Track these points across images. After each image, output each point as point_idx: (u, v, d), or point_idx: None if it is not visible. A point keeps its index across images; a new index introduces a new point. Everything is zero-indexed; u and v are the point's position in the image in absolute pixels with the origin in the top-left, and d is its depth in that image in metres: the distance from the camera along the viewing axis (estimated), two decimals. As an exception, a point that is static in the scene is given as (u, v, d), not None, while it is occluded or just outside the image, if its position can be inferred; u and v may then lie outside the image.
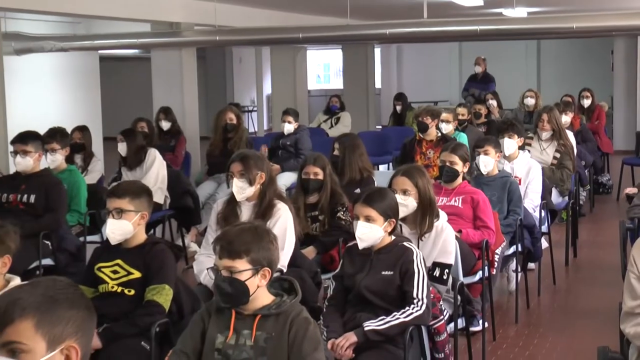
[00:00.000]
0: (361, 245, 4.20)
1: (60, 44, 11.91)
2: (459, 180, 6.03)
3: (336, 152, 7.22)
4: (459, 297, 4.78)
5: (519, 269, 6.76)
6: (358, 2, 11.45)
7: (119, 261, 4.31)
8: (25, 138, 6.53)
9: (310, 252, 5.74)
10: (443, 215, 5.07)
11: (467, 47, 20.96)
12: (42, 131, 7.15)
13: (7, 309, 2.11)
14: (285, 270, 4.84)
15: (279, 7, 13.21)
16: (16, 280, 3.68)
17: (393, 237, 4.26)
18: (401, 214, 4.57)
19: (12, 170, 7.10)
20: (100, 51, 14.95)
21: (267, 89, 20.98)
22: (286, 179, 8.86)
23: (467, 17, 13.58)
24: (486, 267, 5.69)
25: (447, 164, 6.03)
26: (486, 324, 5.90)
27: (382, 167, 11.29)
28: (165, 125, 10.04)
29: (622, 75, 17.30)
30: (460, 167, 6.01)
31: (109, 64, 18.41)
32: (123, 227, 4.31)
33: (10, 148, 6.64)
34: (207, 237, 5.11)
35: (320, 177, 6.01)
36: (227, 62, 23.35)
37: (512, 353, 5.82)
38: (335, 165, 6.75)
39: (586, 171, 9.98)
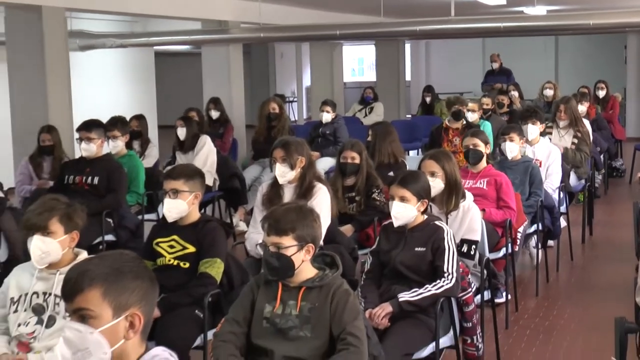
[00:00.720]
0: (396, 223, 4.18)
1: (119, 40, 11.96)
2: (484, 163, 6.00)
3: (369, 139, 7.18)
4: (485, 272, 4.76)
5: (540, 246, 6.71)
6: (391, 1, 11.38)
7: (175, 237, 4.32)
8: (90, 126, 6.58)
9: (348, 230, 5.74)
10: (469, 196, 5.05)
11: (490, 43, 20.77)
12: (104, 120, 7.19)
13: (77, 279, 2.13)
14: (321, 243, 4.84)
15: (318, 6, 13.16)
16: (84, 254, 3.71)
17: (425, 216, 4.24)
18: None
19: (77, 156, 7.16)
20: (155, 47, 15.02)
21: (307, 81, 20.95)
22: (325, 164, 8.82)
23: (491, 15, 13.46)
24: (509, 244, 5.67)
25: (471, 147, 6.01)
26: (509, 296, 5.88)
27: (412, 153, 11.24)
28: (215, 114, 10.04)
29: (635, 67, 17.08)
30: (483, 148, 5.99)
31: (163, 59, 18.47)
32: (179, 206, 4.32)
33: (76, 135, 6.70)
34: (255, 216, 5.13)
35: (357, 161, 6.00)
36: (270, 57, 23.33)
37: (533, 323, 5.77)
38: (367, 150, 6.72)
39: (601, 156, 9.89)
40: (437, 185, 4.81)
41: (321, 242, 4.74)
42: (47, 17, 8.29)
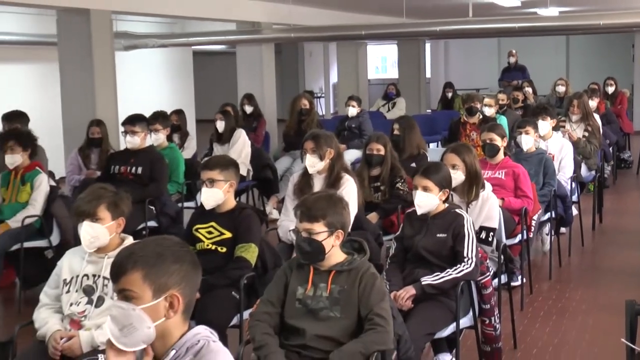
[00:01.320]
0: (419, 211, 4.15)
1: (160, 41, 11.99)
2: (501, 155, 5.94)
3: (396, 132, 7.12)
4: (502, 257, 4.72)
5: (553, 233, 6.66)
6: (412, 3, 11.31)
7: (213, 223, 4.31)
8: (134, 120, 6.60)
9: (373, 217, 5.71)
10: (488, 186, 5.03)
11: (505, 42, 20.59)
12: (146, 114, 7.20)
13: (121, 263, 2.15)
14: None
15: (344, 8, 13.12)
16: (129, 239, 3.70)
17: (447, 205, 4.20)
18: (451, 185, 4.51)
19: (122, 148, 7.18)
20: (193, 47, 15.03)
21: (333, 78, 20.91)
22: (351, 155, 8.78)
23: (506, 15, 13.33)
24: (525, 231, 5.61)
25: (488, 141, 5.96)
26: (524, 280, 5.84)
27: (432, 145, 11.18)
28: (248, 109, 10.04)
29: (642, 65, 16.89)
30: (499, 142, 5.93)
31: (200, 58, 18.48)
32: (215, 195, 4.31)
33: (121, 129, 6.72)
34: (287, 205, 5.11)
35: (382, 153, 5.96)
36: (300, 56, 23.27)
37: (546, 305, 5.72)
38: (395, 143, 6.67)
39: (610, 149, 9.78)
40: (458, 176, 4.78)
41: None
42: (94, 20, 8.34)
